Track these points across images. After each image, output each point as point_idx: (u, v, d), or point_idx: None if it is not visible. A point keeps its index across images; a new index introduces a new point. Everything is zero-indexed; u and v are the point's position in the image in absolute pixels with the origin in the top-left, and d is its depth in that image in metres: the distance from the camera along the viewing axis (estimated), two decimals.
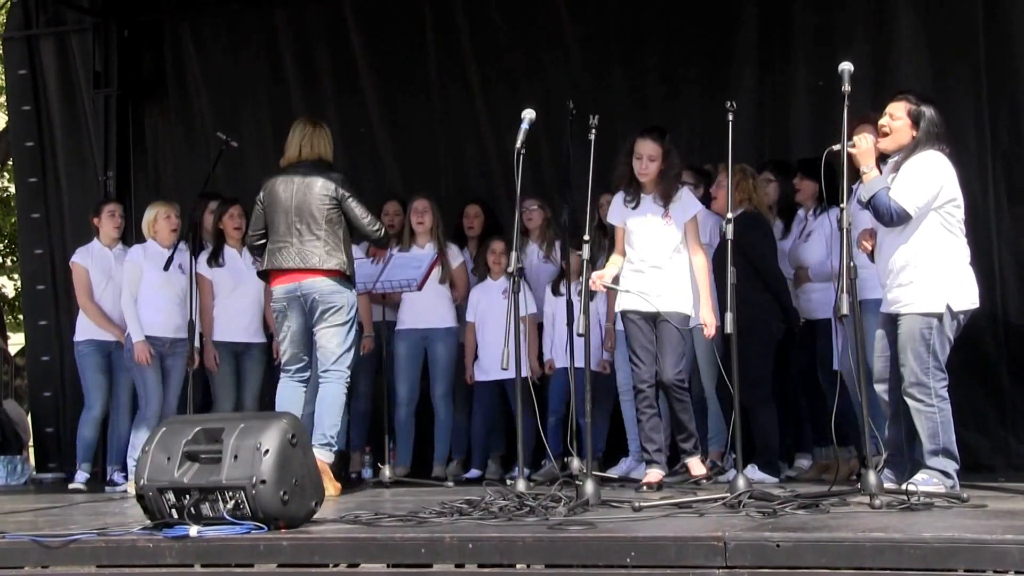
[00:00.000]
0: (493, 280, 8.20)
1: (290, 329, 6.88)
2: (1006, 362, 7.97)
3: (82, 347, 8.45)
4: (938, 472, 5.52)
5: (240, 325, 8.10)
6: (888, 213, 5.58)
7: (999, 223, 8.01)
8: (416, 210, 8.26)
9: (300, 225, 6.78)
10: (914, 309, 5.61)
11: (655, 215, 6.60)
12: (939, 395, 5.56)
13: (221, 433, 4.72)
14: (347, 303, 6.80)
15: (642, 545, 4.06)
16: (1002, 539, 3.78)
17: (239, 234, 8.18)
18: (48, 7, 10.55)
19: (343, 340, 6.78)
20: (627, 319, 6.66)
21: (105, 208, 8.65)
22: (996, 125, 8.09)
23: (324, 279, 6.75)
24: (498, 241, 8.17)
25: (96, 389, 8.40)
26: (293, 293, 6.80)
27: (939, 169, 5.66)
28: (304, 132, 6.95)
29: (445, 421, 8.24)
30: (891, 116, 5.77)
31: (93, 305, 8.40)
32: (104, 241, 8.55)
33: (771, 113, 8.72)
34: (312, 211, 6.77)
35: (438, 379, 8.22)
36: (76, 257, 8.56)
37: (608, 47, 9.23)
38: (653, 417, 6.61)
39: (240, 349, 8.19)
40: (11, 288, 17.74)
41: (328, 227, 6.77)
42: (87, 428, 8.43)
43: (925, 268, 5.61)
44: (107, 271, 8.45)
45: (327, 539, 4.47)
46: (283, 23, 10.04)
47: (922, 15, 8.35)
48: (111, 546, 4.60)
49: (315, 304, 6.76)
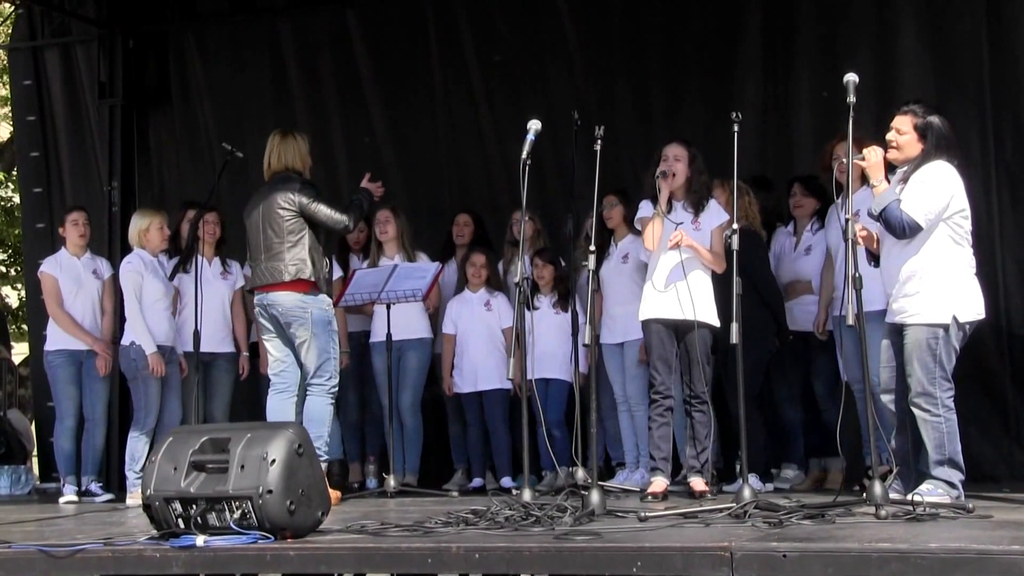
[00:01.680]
0: (472, 292, 8.21)
1: (270, 342, 6.97)
2: (1010, 372, 7.97)
3: (53, 357, 8.31)
4: (943, 483, 5.52)
5: (205, 334, 7.84)
6: (900, 225, 5.58)
7: (1002, 233, 8.02)
8: (378, 220, 8.29)
9: (265, 241, 6.86)
10: (920, 320, 5.61)
11: (686, 221, 6.59)
12: (945, 405, 5.56)
13: (228, 443, 4.72)
14: (312, 315, 6.80)
15: (649, 555, 4.06)
16: (1008, 549, 3.79)
17: (212, 240, 8.20)
18: (53, 18, 10.58)
19: (318, 352, 6.81)
20: (649, 328, 6.64)
21: (69, 217, 8.54)
22: (1000, 135, 8.10)
23: (288, 293, 6.80)
24: (479, 254, 8.19)
25: (68, 400, 8.28)
26: (262, 303, 6.90)
27: (949, 180, 5.66)
28: (272, 144, 7.04)
29: (413, 431, 8.21)
30: (897, 131, 5.77)
31: (64, 313, 8.28)
32: (71, 250, 8.45)
33: (775, 124, 8.73)
34: (273, 225, 6.84)
35: (406, 389, 8.18)
36: (45, 267, 8.45)
37: (612, 58, 9.25)
38: (664, 426, 6.60)
39: (207, 359, 8.05)
40: (15, 298, 17.75)
41: (291, 238, 6.82)
42: (65, 440, 8.26)
43: (932, 279, 5.61)
44: (76, 279, 8.36)
45: (334, 549, 4.48)
46: (287, 34, 10.07)
47: (925, 26, 8.37)
48: (118, 556, 4.60)
49: (280, 318, 6.84)
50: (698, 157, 6.68)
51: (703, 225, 6.61)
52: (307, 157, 7.09)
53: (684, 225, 6.55)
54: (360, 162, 9.75)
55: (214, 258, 8.25)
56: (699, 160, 6.67)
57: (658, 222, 6.51)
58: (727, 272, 6.20)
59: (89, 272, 8.41)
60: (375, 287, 7.62)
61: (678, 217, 6.58)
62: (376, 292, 7.62)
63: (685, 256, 6.46)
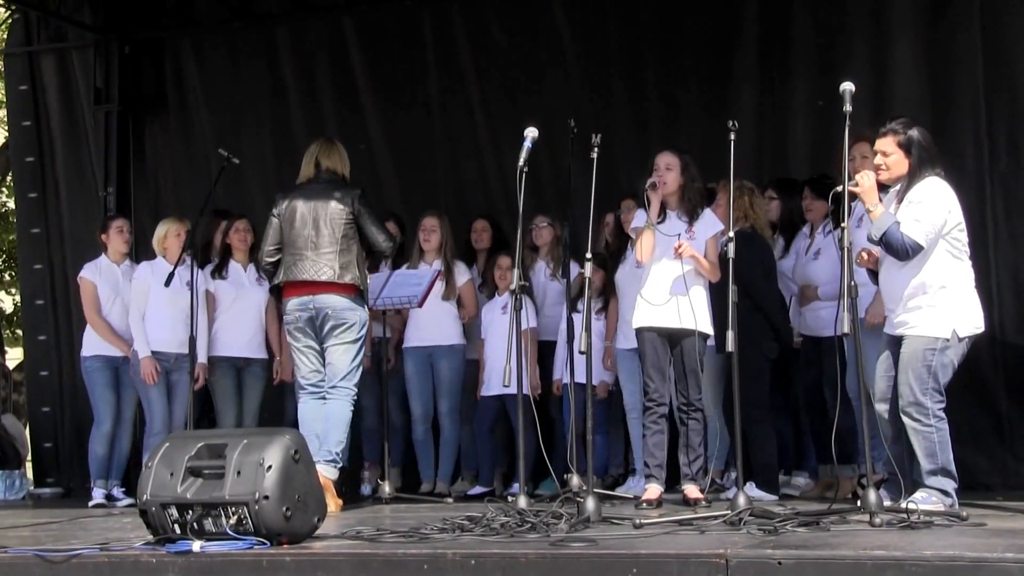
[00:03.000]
0: (499, 296, 8.20)
1: (305, 344, 6.87)
2: (1003, 381, 8.00)
3: (90, 363, 8.42)
4: (937, 491, 5.54)
5: (242, 340, 8.08)
6: (903, 247, 5.60)
7: (996, 243, 8.05)
8: (424, 228, 8.28)
9: (317, 239, 6.77)
10: (920, 332, 5.64)
11: (680, 230, 6.60)
12: (936, 415, 5.59)
13: (224, 449, 4.73)
14: (359, 320, 6.79)
15: (644, 562, 4.06)
16: (1002, 557, 3.79)
17: (245, 247, 8.21)
18: (50, 23, 10.60)
19: (353, 358, 6.78)
20: (643, 337, 6.64)
21: (113, 224, 8.66)
22: (994, 145, 8.13)
23: (337, 296, 6.74)
24: (505, 257, 8.15)
25: (105, 405, 8.37)
26: (306, 306, 6.78)
27: (943, 196, 5.70)
28: (320, 148, 7.01)
29: (450, 438, 8.24)
30: (883, 153, 5.79)
31: (101, 321, 8.38)
32: (112, 257, 8.56)
33: (770, 132, 8.77)
34: (329, 225, 6.77)
35: (443, 396, 8.22)
36: (84, 272, 8.54)
37: (608, 65, 9.28)
38: (658, 434, 6.59)
39: (241, 364, 8.19)
40: (10, 303, 17.73)
41: (344, 242, 6.77)
42: (99, 444, 8.36)
43: (933, 295, 5.65)
44: (115, 286, 8.45)
45: (330, 555, 4.48)
46: (284, 40, 10.09)
47: (921, 36, 8.40)
48: (114, 561, 4.59)
49: (326, 319, 6.75)
50: (691, 165, 6.67)
51: (697, 234, 6.61)
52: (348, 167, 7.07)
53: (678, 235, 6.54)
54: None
55: (248, 264, 8.25)
56: (692, 168, 6.67)
57: (648, 234, 6.52)
58: (721, 280, 6.22)
59: (127, 280, 8.43)
60: (372, 293, 7.62)
61: (672, 225, 6.58)
62: (371, 299, 7.61)
63: (685, 267, 6.46)
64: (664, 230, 6.55)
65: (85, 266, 8.63)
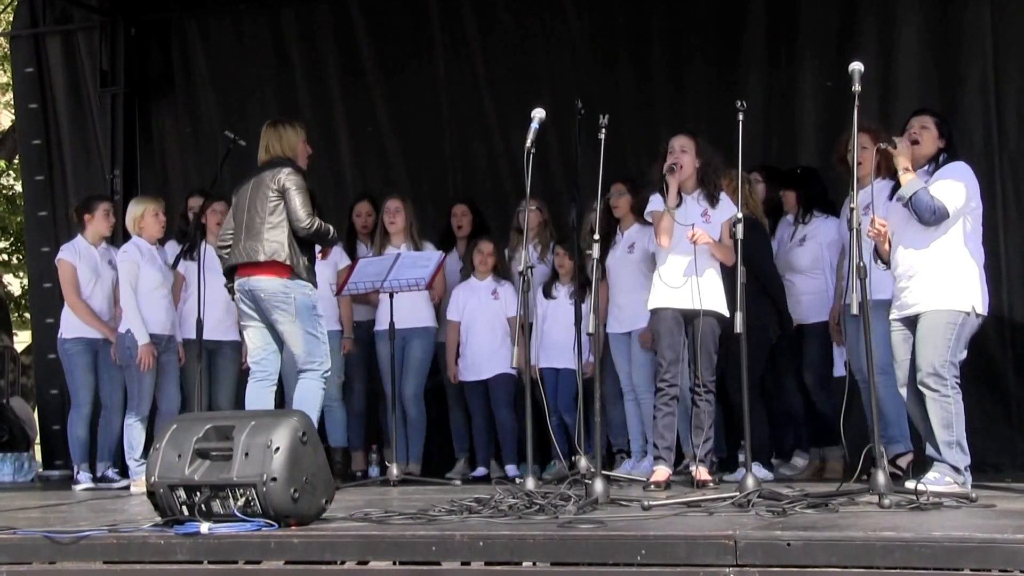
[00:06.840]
0: (479, 280, 8.20)
1: (249, 323, 6.86)
2: (1012, 362, 7.99)
3: (70, 345, 8.30)
4: (950, 467, 5.57)
5: (210, 322, 7.79)
6: (930, 209, 5.67)
7: (1006, 224, 8.03)
8: (388, 210, 8.28)
9: (249, 221, 6.75)
10: (938, 306, 5.69)
11: (696, 213, 6.58)
12: (953, 386, 5.65)
13: (232, 430, 4.72)
14: (293, 300, 6.67)
15: (652, 543, 4.06)
16: (1012, 538, 3.79)
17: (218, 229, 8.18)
18: (55, 5, 10.57)
19: (305, 337, 6.70)
20: (659, 316, 6.62)
21: (100, 206, 8.50)
22: (1003, 126, 8.10)
23: (267, 277, 6.69)
24: (486, 242, 8.19)
25: (85, 388, 8.28)
26: (243, 288, 6.78)
27: (971, 178, 5.84)
28: (266, 133, 6.96)
29: (417, 420, 8.21)
30: (922, 126, 5.92)
31: (82, 303, 8.27)
32: (91, 239, 8.42)
33: (778, 113, 8.73)
34: (258, 206, 6.73)
35: (410, 378, 8.19)
36: (63, 254, 8.42)
37: (615, 46, 9.23)
38: (668, 415, 6.57)
39: (211, 347, 8.05)
40: (17, 286, 17.75)
41: (271, 219, 6.70)
42: (80, 427, 8.27)
43: (950, 271, 5.72)
44: (94, 268, 8.35)
45: (338, 536, 4.48)
46: (290, 22, 10.06)
47: (930, 16, 8.36)
48: (122, 542, 4.60)
49: (261, 303, 6.73)
50: (707, 148, 6.64)
51: (713, 218, 6.59)
52: (299, 146, 6.95)
53: (695, 218, 6.53)
54: (363, 151, 9.77)
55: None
56: (709, 151, 6.64)
57: (668, 218, 6.51)
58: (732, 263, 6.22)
59: (105, 262, 8.39)
60: (378, 276, 7.62)
61: (689, 208, 6.57)
62: (379, 280, 7.61)
63: (700, 251, 6.45)
64: (681, 214, 6.53)
65: (63, 247, 8.52)
